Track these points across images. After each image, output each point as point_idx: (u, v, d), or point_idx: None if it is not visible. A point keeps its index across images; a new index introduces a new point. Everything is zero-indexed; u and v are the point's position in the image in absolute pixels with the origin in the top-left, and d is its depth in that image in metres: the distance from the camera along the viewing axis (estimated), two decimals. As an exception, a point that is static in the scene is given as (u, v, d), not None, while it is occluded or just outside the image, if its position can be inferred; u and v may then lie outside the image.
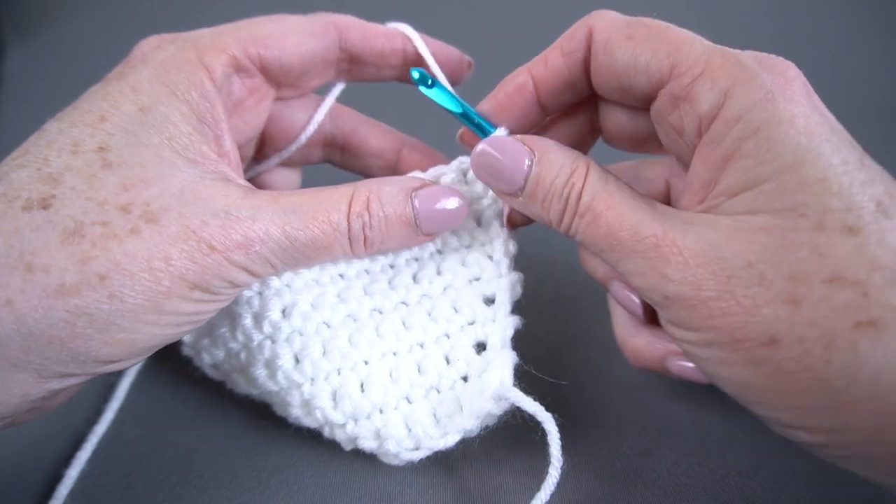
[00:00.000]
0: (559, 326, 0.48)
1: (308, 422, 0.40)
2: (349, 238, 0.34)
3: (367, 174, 0.46)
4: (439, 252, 0.42)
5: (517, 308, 0.40)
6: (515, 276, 0.41)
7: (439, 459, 0.40)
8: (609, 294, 0.40)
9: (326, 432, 0.40)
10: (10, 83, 0.73)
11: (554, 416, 0.36)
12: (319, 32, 0.40)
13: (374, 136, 0.45)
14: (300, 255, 0.34)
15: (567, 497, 0.39)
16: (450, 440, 0.38)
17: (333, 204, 0.34)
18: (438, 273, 0.41)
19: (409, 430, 0.38)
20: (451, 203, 0.37)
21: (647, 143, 0.39)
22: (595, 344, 0.47)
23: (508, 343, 0.39)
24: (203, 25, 0.38)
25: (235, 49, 0.37)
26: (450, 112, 0.39)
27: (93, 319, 0.29)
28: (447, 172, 0.39)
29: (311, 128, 0.44)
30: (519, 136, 0.36)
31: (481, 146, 0.36)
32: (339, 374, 0.39)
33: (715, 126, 0.32)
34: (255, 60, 0.38)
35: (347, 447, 0.40)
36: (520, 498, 0.39)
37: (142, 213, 0.30)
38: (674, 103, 0.33)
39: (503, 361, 0.38)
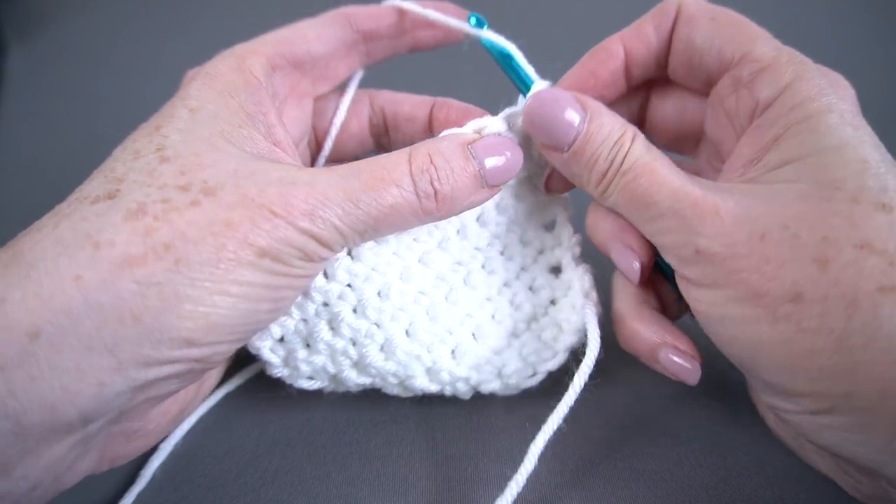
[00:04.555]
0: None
1: (432, 388, 0.41)
2: (416, 194, 0.34)
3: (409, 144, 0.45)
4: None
5: None
6: (566, 198, 0.43)
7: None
8: (613, 261, 0.40)
9: (448, 391, 0.42)
10: (10, 83, 0.73)
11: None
12: (331, 21, 0.43)
13: (406, 103, 0.46)
14: (368, 217, 0.34)
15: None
16: (560, 358, 0.41)
17: (392, 163, 0.35)
18: (498, 213, 0.43)
19: (525, 360, 0.42)
20: (509, 150, 0.37)
21: (685, 140, 0.42)
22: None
23: (579, 258, 0.43)
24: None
25: (268, 51, 0.40)
26: (496, 59, 0.40)
27: (161, 289, 0.29)
28: (490, 124, 0.38)
29: (346, 101, 0.46)
30: (573, 92, 0.37)
31: (538, 95, 0.37)
32: (450, 333, 0.42)
33: (769, 112, 0.34)
34: (287, 58, 0.41)
35: (467, 396, 0.42)
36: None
37: (200, 188, 0.32)
38: (734, 87, 0.36)
39: (581, 274, 0.42)
